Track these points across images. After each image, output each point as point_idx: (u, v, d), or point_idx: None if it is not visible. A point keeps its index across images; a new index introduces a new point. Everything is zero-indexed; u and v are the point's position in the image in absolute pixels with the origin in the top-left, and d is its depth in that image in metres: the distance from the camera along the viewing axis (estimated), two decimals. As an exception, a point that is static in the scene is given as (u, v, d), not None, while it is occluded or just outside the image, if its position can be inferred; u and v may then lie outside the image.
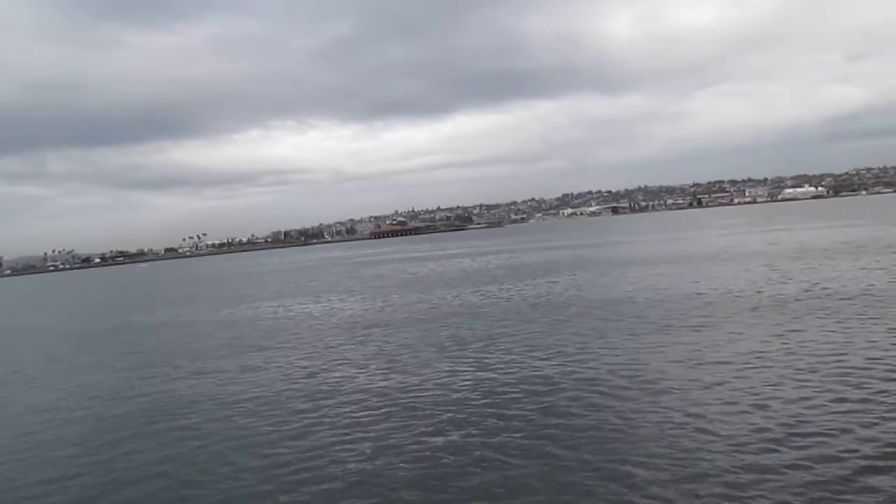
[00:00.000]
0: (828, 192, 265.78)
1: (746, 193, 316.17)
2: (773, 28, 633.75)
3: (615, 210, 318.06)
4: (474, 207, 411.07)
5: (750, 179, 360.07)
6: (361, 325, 20.98)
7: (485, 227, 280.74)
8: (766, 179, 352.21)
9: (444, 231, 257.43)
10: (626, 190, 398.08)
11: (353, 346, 17.13)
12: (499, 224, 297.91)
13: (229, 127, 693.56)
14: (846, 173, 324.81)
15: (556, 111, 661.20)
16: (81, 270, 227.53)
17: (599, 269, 32.28)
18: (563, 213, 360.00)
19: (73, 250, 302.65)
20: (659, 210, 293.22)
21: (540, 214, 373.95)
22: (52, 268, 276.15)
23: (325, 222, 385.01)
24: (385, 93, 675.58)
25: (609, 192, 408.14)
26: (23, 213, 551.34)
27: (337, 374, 13.92)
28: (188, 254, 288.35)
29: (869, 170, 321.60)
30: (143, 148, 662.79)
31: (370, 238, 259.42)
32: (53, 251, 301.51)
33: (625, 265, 33.73)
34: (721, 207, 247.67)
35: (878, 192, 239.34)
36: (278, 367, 15.36)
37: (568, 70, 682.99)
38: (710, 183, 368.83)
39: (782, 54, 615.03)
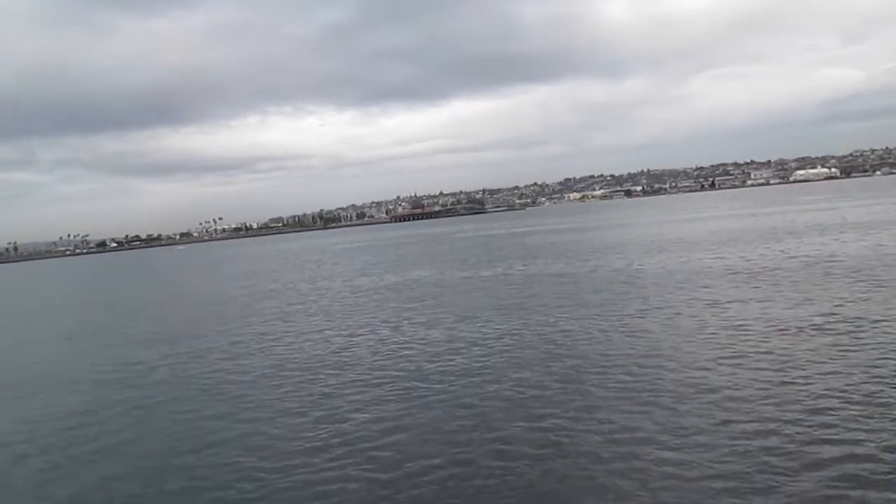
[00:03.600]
0: (839, 173, 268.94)
1: (752, 176, 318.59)
2: (769, 11, 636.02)
3: (628, 193, 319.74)
4: (477, 192, 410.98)
5: (753, 162, 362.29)
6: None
7: (504, 210, 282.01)
8: (769, 162, 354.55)
9: (464, 215, 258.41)
10: (630, 173, 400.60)
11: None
12: (512, 208, 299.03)
13: (226, 113, 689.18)
14: (850, 155, 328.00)
15: (553, 95, 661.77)
16: (103, 255, 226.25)
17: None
18: (568, 196, 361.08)
19: (87, 235, 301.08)
20: (672, 193, 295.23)
21: (544, 199, 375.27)
22: (68, 252, 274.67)
23: (326, 207, 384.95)
24: (382, 78, 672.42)
25: (612, 175, 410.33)
26: (20, 200, 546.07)
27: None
28: (206, 238, 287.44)
29: (873, 151, 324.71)
30: (141, 134, 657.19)
31: (390, 222, 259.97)
32: (69, 235, 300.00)
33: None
34: (734, 190, 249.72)
35: (890, 174, 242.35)
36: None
37: (565, 54, 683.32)
38: (713, 166, 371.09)
39: (778, 37, 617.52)
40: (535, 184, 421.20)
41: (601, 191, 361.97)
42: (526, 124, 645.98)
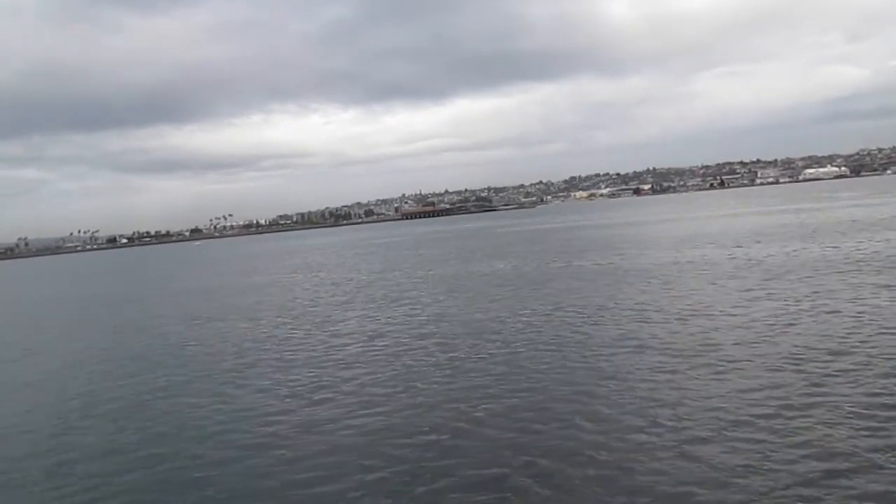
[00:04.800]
0: (849, 172, 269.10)
1: (759, 174, 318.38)
2: (772, 8, 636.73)
3: (637, 191, 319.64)
4: (482, 190, 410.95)
5: (759, 161, 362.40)
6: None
7: (514, 208, 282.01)
8: (776, 160, 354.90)
9: (474, 212, 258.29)
10: (635, 172, 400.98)
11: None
12: (522, 206, 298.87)
13: (230, 111, 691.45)
14: (857, 154, 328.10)
15: (557, 94, 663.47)
16: (116, 250, 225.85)
17: None
18: (574, 195, 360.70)
19: (97, 231, 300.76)
20: (681, 191, 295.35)
21: (550, 197, 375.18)
22: (79, 248, 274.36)
23: (331, 205, 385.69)
24: (385, 76, 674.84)
25: (618, 174, 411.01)
26: (25, 197, 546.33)
27: None
28: (217, 235, 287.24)
29: (880, 150, 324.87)
30: (144, 132, 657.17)
31: (400, 219, 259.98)
32: (79, 232, 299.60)
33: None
34: (745, 188, 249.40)
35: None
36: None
37: (567, 52, 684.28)
38: (719, 165, 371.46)
39: (782, 35, 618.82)
40: (541, 182, 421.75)
41: (607, 189, 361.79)
42: (529, 123, 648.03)
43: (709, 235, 39.69)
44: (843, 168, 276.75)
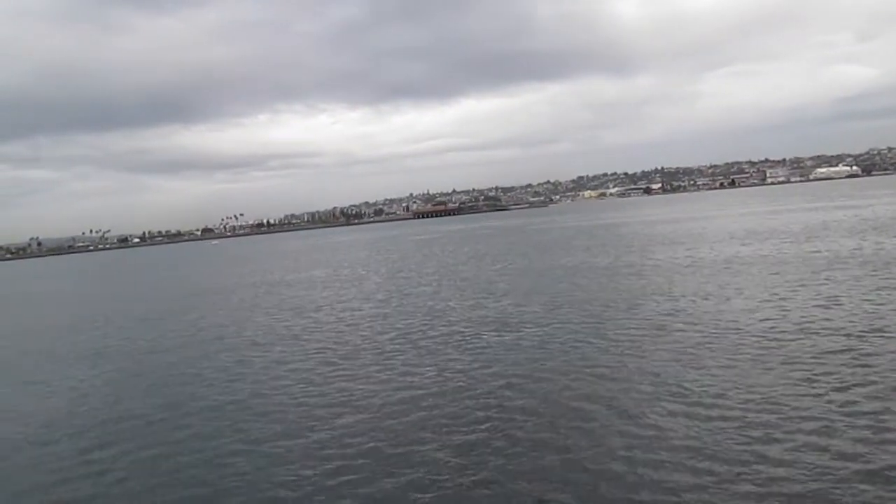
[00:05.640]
0: (860, 171, 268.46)
1: (768, 174, 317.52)
2: (781, 8, 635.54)
3: (647, 191, 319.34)
4: (490, 190, 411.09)
5: (768, 160, 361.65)
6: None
7: (525, 207, 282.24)
8: (784, 160, 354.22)
9: (486, 212, 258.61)
10: (644, 171, 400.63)
11: None
12: (533, 205, 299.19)
13: (237, 111, 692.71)
14: (867, 153, 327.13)
15: (564, 93, 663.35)
16: (130, 250, 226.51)
17: None
18: (583, 195, 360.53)
19: (108, 231, 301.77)
20: (692, 191, 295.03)
21: (558, 196, 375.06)
22: (91, 248, 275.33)
23: (339, 205, 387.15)
24: (393, 76, 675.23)
25: (626, 173, 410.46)
26: (33, 197, 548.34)
27: None
28: (228, 234, 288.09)
29: (890, 149, 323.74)
30: (152, 132, 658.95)
31: (412, 218, 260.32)
32: (91, 231, 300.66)
33: None
34: (756, 188, 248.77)
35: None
36: None
37: (575, 52, 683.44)
38: (728, 164, 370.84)
39: (790, 34, 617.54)
40: (549, 181, 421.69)
41: (616, 189, 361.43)
42: (536, 122, 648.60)
43: (767, 231, 39.50)
44: (853, 167, 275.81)
